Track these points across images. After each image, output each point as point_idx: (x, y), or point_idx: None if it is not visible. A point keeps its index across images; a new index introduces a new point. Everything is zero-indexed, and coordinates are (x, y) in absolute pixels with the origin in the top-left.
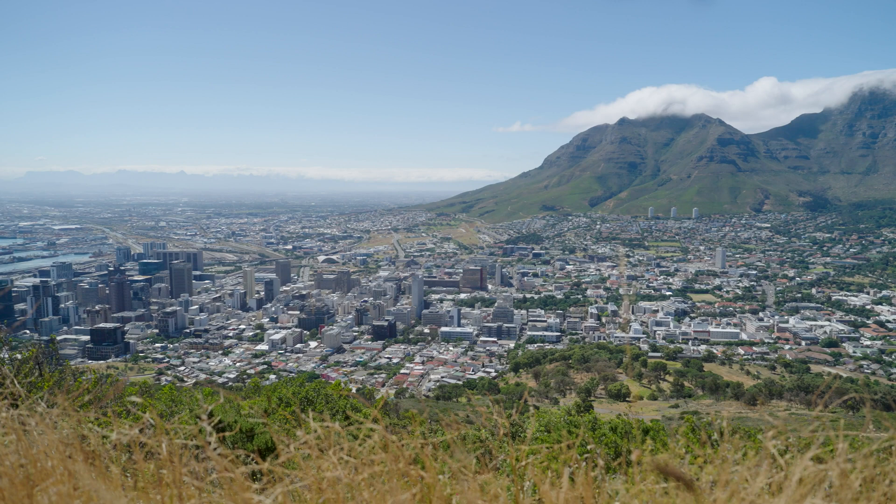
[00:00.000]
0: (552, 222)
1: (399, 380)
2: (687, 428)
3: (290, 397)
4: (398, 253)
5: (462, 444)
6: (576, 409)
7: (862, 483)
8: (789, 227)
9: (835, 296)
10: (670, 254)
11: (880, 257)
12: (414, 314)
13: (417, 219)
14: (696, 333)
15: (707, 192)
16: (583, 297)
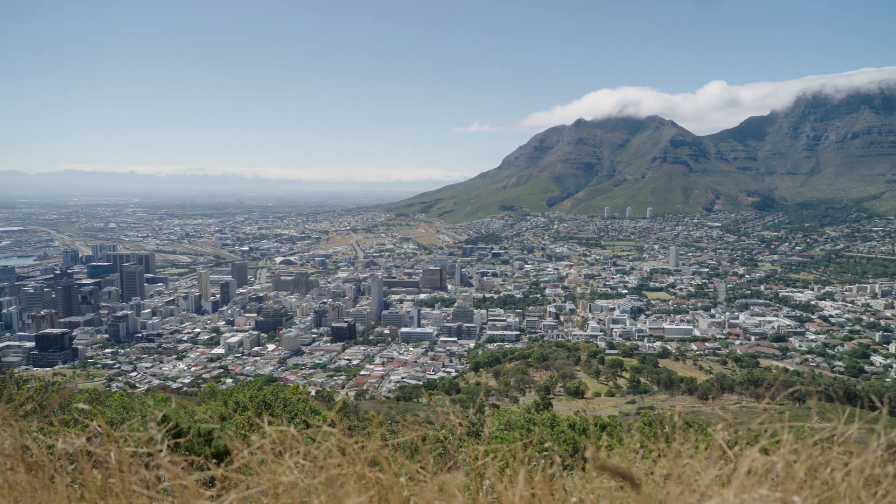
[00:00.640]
0: (511, 222)
1: (359, 381)
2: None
3: (246, 401)
4: (357, 254)
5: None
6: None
7: (806, 472)
8: (739, 226)
9: (782, 292)
10: (626, 253)
11: (823, 255)
12: (374, 315)
13: (377, 219)
14: (652, 330)
15: (661, 192)
16: (541, 296)
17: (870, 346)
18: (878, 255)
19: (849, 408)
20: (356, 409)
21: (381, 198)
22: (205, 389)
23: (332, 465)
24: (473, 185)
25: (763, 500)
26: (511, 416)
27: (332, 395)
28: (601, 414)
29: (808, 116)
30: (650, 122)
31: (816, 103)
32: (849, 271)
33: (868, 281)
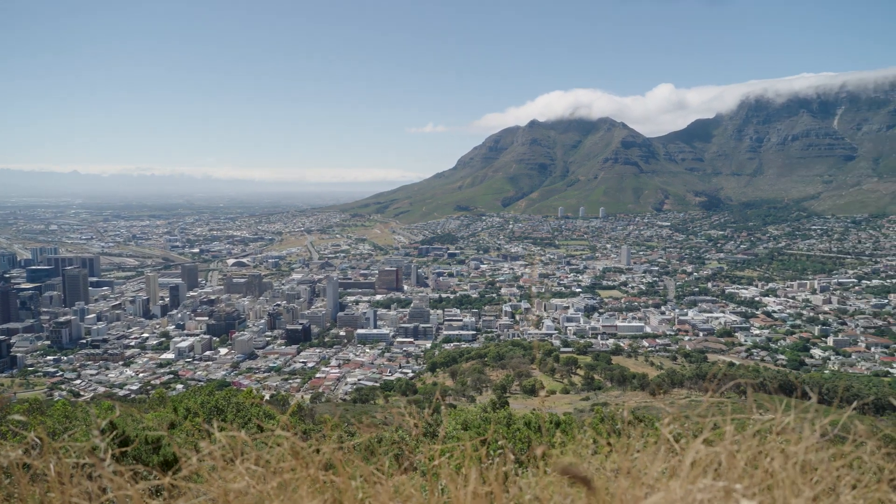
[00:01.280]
0: (466, 222)
1: (315, 384)
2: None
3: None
4: (312, 255)
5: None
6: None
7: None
8: (687, 225)
9: (728, 289)
10: (579, 252)
11: (766, 253)
12: (329, 317)
13: (331, 220)
14: (605, 328)
15: (613, 192)
16: (497, 295)
17: (810, 339)
18: (816, 253)
19: (786, 399)
20: (312, 413)
21: (336, 198)
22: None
23: (285, 470)
24: (429, 186)
25: (707, 490)
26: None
27: (287, 398)
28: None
29: (752, 119)
30: (602, 124)
31: (759, 107)
32: (790, 268)
33: (808, 277)
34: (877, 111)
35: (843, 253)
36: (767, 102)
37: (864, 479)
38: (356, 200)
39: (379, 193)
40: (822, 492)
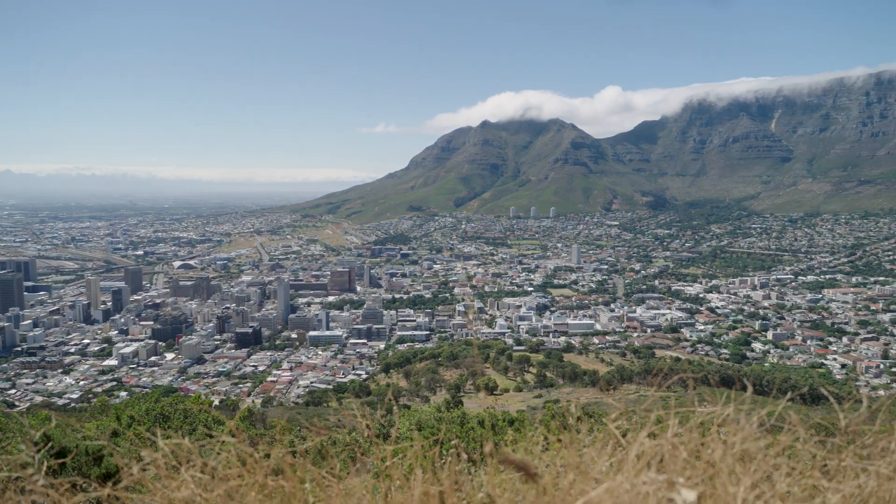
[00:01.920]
0: (419, 222)
1: (266, 388)
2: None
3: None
4: (262, 256)
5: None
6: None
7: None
8: (635, 224)
9: (674, 286)
10: (531, 251)
11: (710, 251)
12: (280, 319)
13: (282, 220)
14: (556, 326)
15: (563, 192)
16: (450, 295)
17: (751, 334)
18: (756, 251)
19: (726, 391)
20: (263, 417)
21: (287, 198)
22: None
23: (232, 477)
24: (381, 186)
25: (651, 482)
26: (421, 415)
27: (238, 403)
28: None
29: (695, 122)
30: (552, 125)
31: (702, 110)
32: (732, 265)
33: (749, 274)
34: (811, 115)
35: (781, 250)
36: (710, 106)
37: (798, 467)
38: (307, 201)
39: (331, 194)
40: (759, 479)
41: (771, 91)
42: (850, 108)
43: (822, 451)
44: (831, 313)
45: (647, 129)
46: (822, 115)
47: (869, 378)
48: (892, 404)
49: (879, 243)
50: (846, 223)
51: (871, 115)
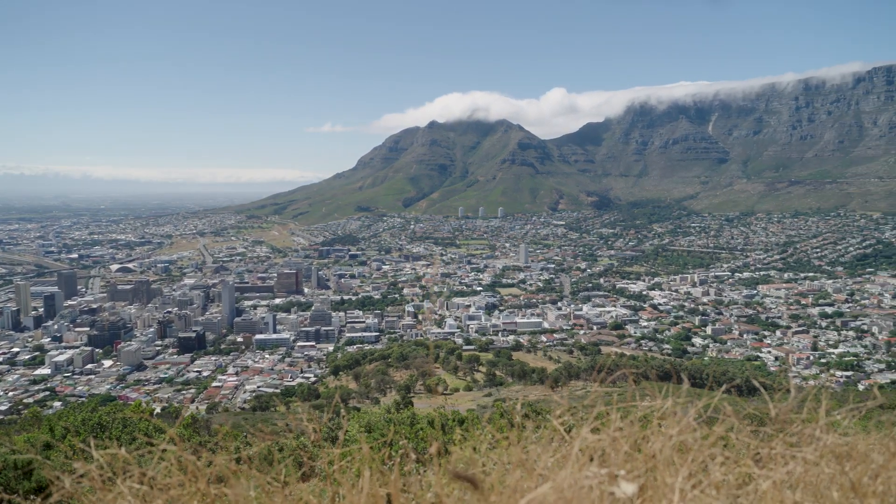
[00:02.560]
0: (368, 223)
1: (211, 393)
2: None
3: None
4: (206, 258)
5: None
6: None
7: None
8: (581, 224)
9: (618, 284)
10: (480, 251)
11: (652, 249)
12: (225, 323)
13: (226, 221)
14: (505, 325)
15: (510, 192)
16: (400, 296)
17: (691, 329)
18: (696, 249)
19: (666, 385)
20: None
21: (231, 199)
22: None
23: (172, 486)
24: (329, 186)
25: (593, 476)
26: (371, 417)
27: (181, 410)
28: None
29: (637, 124)
30: (499, 126)
31: (643, 112)
32: (673, 263)
33: (689, 271)
34: (745, 118)
35: (719, 248)
36: (651, 108)
37: (732, 456)
38: (252, 201)
39: (276, 194)
40: (696, 469)
41: (708, 95)
42: (781, 112)
43: (755, 440)
44: (765, 308)
45: (592, 130)
46: (755, 119)
47: (800, 369)
48: (818, 393)
49: (808, 241)
50: (778, 222)
51: (800, 119)
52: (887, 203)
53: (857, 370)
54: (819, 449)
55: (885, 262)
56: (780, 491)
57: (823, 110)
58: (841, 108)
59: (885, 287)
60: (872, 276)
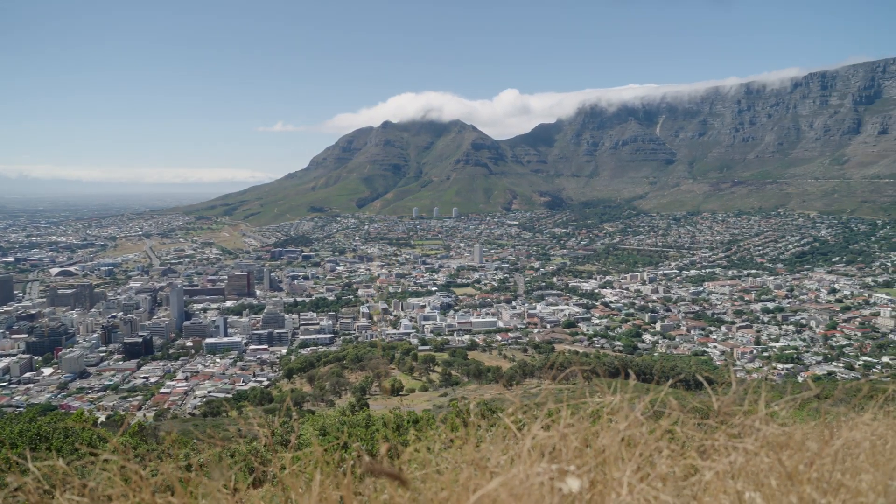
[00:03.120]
0: (321, 224)
1: (159, 400)
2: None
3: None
4: (152, 261)
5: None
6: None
7: (580, 442)
8: (534, 223)
9: (571, 283)
10: (434, 251)
11: (603, 248)
12: (174, 327)
13: (174, 223)
14: (461, 325)
15: (464, 192)
16: (354, 297)
17: (641, 326)
18: (645, 247)
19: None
20: (155, 431)
21: (179, 200)
22: None
23: (115, 497)
24: (281, 187)
25: (544, 472)
26: (326, 420)
27: (127, 418)
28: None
29: (588, 125)
30: (453, 126)
31: (594, 114)
32: (623, 262)
33: (639, 269)
34: (691, 120)
35: (667, 247)
36: (601, 110)
37: (677, 448)
38: (202, 202)
39: (227, 194)
40: (643, 463)
41: (656, 97)
42: (725, 114)
43: (699, 432)
44: (711, 305)
45: (544, 131)
46: (700, 121)
47: (744, 363)
48: (758, 386)
49: (751, 239)
50: (723, 221)
51: (743, 122)
52: (823, 202)
53: (796, 363)
54: (759, 439)
55: (822, 259)
56: (723, 481)
57: (764, 113)
58: (780, 112)
59: (821, 283)
60: (810, 272)
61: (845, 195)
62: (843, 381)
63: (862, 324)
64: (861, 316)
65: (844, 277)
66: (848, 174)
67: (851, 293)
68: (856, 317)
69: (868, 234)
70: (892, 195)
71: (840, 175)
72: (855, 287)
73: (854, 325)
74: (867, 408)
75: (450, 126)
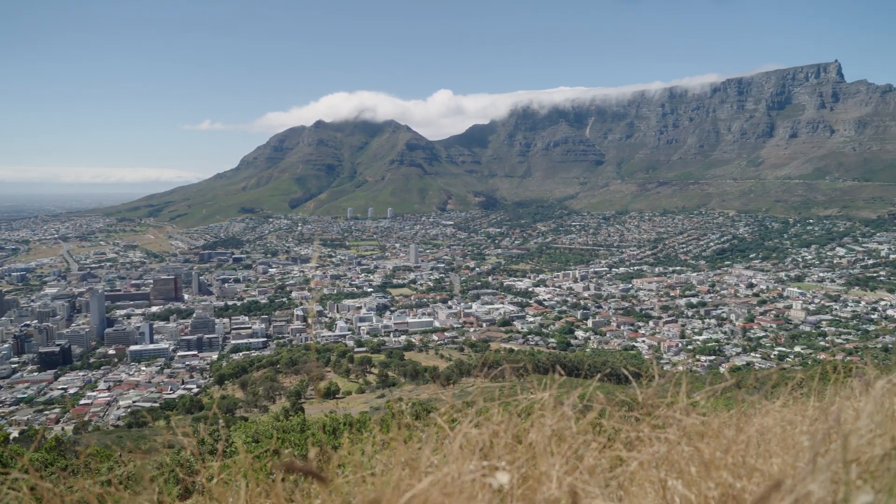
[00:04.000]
0: (252, 225)
1: (79, 412)
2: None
3: None
4: (70, 265)
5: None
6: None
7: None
8: (469, 223)
9: (506, 282)
10: (370, 252)
11: (536, 247)
12: (95, 334)
13: (94, 225)
14: (397, 325)
15: (399, 192)
16: (288, 299)
17: (574, 322)
18: (576, 246)
19: (549, 377)
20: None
21: (99, 200)
22: None
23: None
24: (209, 187)
25: (475, 470)
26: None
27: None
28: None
29: (521, 127)
30: (387, 127)
31: (526, 115)
32: (556, 260)
33: (571, 268)
34: (618, 123)
35: (598, 245)
36: (533, 112)
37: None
38: (124, 203)
39: (152, 195)
40: (571, 456)
41: (585, 100)
42: (650, 117)
43: (625, 424)
44: (640, 301)
45: (478, 132)
46: (627, 124)
47: (671, 356)
48: (680, 378)
49: (675, 237)
50: (649, 220)
51: (667, 125)
52: (740, 202)
53: (718, 354)
54: (680, 429)
55: (740, 256)
56: (647, 470)
57: (686, 117)
58: (701, 115)
59: (740, 278)
60: (730, 268)
61: (760, 195)
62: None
63: (776, 316)
64: (776, 309)
65: (761, 273)
66: (763, 175)
67: (767, 287)
68: (771, 310)
69: (781, 232)
70: (801, 195)
71: (756, 176)
72: (770, 282)
73: (769, 317)
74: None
75: (384, 126)
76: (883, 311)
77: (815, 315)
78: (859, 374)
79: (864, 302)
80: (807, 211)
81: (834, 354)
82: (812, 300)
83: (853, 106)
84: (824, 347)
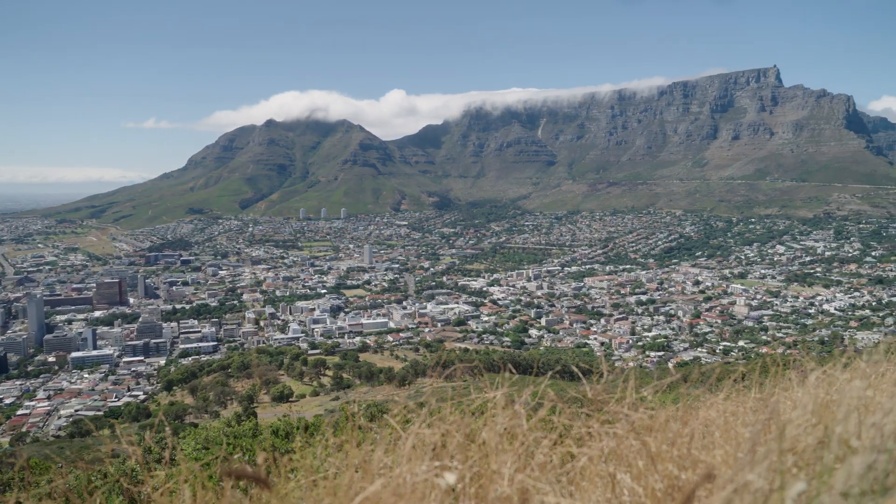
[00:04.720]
0: (201, 226)
1: (16, 423)
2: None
3: None
4: (5, 269)
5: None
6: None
7: (465, 437)
8: (423, 223)
9: (460, 281)
10: (323, 253)
11: (490, 247)
12: (33, 341)
13: (31, 227)
14: (351, 327)
15: (353, 193)
16: (239, 302)
17: (528, 321)
18: (530, 246)
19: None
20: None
21: (37, 201)
22: None
23: None
24: (155, 187)
25: (427, 470)
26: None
27: None
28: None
29: (474, 127)
30: (339, 126)
31: (479, 116)
32: (510, 260)
33: (524, 267)
34: (570, 124)
35: (550, 245)
36: (487, 113)
37: (555, 438)
38: (64, 203)
39: (94, 195)
40: (523, 454)
41: (538, 102)
42: (600, 119)
43: (575, 420)
44: (591, 299)
45: (432, 132)
46: (578, 125)
47: (622, 353)
48: (628, 374)
49: (625, 236)
50: (600, 219)
51: (616, 126)
52: (687, 202)
53: (667, 350)
54: (628, 424)
55: (686, 254)
56: (597, 465)
57: (635, 119)
58: (649, 118)
59: (686, 275)
60: (677, 266)
61: (705, 195)
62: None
63: (721, 312)
64: (721, 305)
65: (706, 270)
66: (707, 176)
67: (712, 284)
68: (716, 306)
69: (725, 231)
70: (744, 195)
71: (701, 177)
72: (715, 279)
73: (715, 313)
74: (722, 388)
75: (336, 126)
76: (819, 305)
77: (758, 310)
78: (797, 366)
79: (803, 297)
80: (749, 210)
81: (775, 348)
82: (754, 296)
83: (791, 109)
84: (766, 341)
